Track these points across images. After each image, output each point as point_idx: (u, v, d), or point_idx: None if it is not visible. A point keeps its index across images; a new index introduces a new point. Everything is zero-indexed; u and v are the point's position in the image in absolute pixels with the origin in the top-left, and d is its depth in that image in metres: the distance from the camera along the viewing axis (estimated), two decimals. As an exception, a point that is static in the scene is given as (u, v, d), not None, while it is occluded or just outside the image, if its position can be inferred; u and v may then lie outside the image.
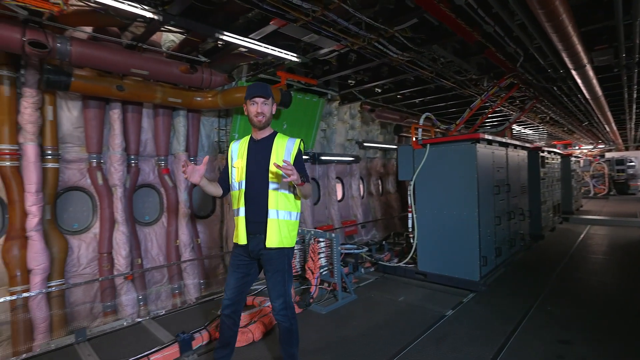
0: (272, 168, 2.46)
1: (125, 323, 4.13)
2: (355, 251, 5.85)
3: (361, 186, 8.52)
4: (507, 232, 5.65)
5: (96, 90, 3.94)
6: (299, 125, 6.33)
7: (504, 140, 5.46)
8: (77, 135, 4.24)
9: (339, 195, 7.94)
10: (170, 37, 4.44)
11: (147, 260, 4.76)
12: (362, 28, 3.53)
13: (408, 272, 5.46)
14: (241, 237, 2.53)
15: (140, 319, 4.21)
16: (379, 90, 6.66)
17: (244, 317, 3.98)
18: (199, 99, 4.68)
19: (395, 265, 5.70)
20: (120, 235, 4.36)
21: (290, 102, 4.99)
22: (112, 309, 4.29)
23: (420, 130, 5.32)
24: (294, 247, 2.65)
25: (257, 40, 3.73)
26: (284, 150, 2.54)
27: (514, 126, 11.13)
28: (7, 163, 3.69)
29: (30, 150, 3.77)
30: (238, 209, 2.55)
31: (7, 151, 3.67)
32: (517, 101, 7.23)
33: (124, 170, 4.46)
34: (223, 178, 2.69)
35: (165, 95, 4.42)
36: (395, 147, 8.64)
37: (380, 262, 5.91)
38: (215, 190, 2.69)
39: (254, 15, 3.42)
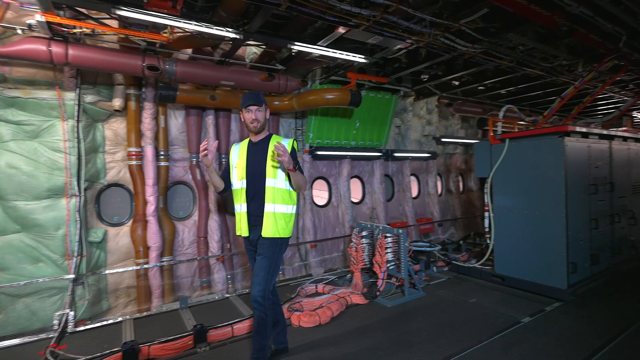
0: (269, 155, 2.72)
1: (217, 297, 4.89)
2: (427, 249, 5.77)
3: (438, 183, 8.23)
4: (609, 237, 4.92)
5: (195, 100, 4.73)
6: (371, 123, 6.46)
7: (605, 132, 4.76)
8: (182, 139, 5.12)
9: (415, 192, 7.82)
10: (253, 50, 5.03)
11: (235, 245, 5.48)
12: (426, 25, 3.53)
13: (484, 274, 5.19)
14: (244, 229, 2.82)
15: (228, 295, 4.92)
16: (457, 83, 6.37)
17: (315, 302, 4.36)
18: (277, 102, 5.20)
19: (470, 266, 5.46)
20: (213, 223, 5.14)
21: (360, 102, 5.17)
22: (207, 284, 5.10)
23: (499, 123, 4.98)
24: (289, 237, 2.87)
25: (325, 46, 4.01)
26: None
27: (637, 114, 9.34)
28: (134, 162, 4.68)
29: (149, 151, 4.71)
30: (240, 205, 2.83)
31: (133, 153, 4.66)
32: (631, 85, 6.12)
33: (216, 167, 5.22)
34: (225, 176, 2.97)
35: (248, 102, 5.03)
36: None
37: (454, 262, 5.72)
38: (219, 183, 2.93)
39: (321, 24, 3.71)
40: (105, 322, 4.12)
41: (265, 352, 2.85)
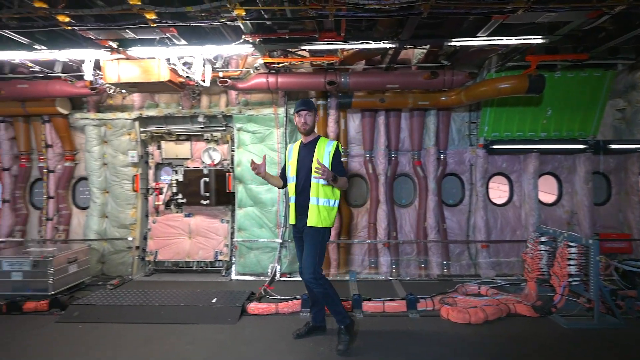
0: (313, 164, 3.06)
1: (381, 277, 5.54)
2: (651, 272, 4.35)
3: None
4: None
5: (367, 104, 5.46)
6: (570, 109, 5.32)
7: None
8: (358, 138, 5.98)
9: (649, 196, 5.79)
10: (420, 50, 5.24)
11: (401, 235, 5.92)
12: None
13: None
14: (292, 218, 3.38)
15: (390, 278, 5.47)
16: None
17: (471, 301, 4.26)
18: (443, 98, 5.22)
19: None
20: (381, 212, 5.76)
21: (542, 88, 4.44)
22: (374, 265, 5.79)
23: None
24: (331, 227, 3.29)
25: (487, 35, 3.80)
26: (323, 151, 3.21)
27: None
28: (322, 158, 5.90)
29: (332, 149, 5.81)
30: (291, 197, 3.37)
31: (321, 150, 5.88)
32: None
33: (386, 162, 5.79)
34: (283, 173, 3.54)
35: (415, 100, 5.32)
36: None
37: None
38: (277, 182, 3.57)
39: (475, 18, 3.57)
40: (297, 278, 5.52)
41: (343, 315, 3.33)
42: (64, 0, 3.01)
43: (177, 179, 5.79)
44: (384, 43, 3.92)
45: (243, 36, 3.76)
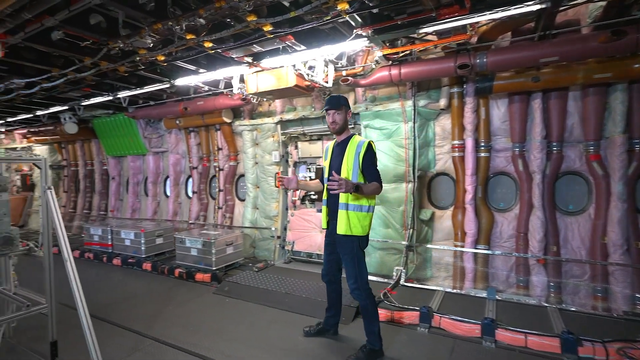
0: (345, 156, 2.98)
1: (531, 301, 4.44)
2: None
3: None
4: None
5: (514, 87, 4.43)
6: None
7: None
8: (504, 129, 4.93)
9: None
10: (599, 4, 3.87)
11: (566, 250, 4.57)
12: None
13: None
14: (323, 222, 3.25)
15: (546, 305, 4.31)
16: None
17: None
18: (637, 65, 3.69)
19: None
20: (535, 220, 4.60)
21: None
22: (524, 285, 4.69)
23: None
24: (366, 235, 3.04)
25: None
26: (354, 151, 2.97)
27: None
28: (457, 153, 5.16)
29: (469, 143, 5.00)
30: (324, 200, 3.21)
31: (457, 145, 5.14)
32: None
33: (543, 157, 4.57)
34: (322, 175, 3.36)
35: (589, 74, 3.96)
36: None
37: None
38: (317, 186, 3.48)
39: None
40: (424, 286, 5.03)
41: (376, 337, 3.09)
42: (205, 29, 3.61)
43: (310, 177, 6.21)
44: (526, 5, 3.05)
45: (354, 30, 3.63)
